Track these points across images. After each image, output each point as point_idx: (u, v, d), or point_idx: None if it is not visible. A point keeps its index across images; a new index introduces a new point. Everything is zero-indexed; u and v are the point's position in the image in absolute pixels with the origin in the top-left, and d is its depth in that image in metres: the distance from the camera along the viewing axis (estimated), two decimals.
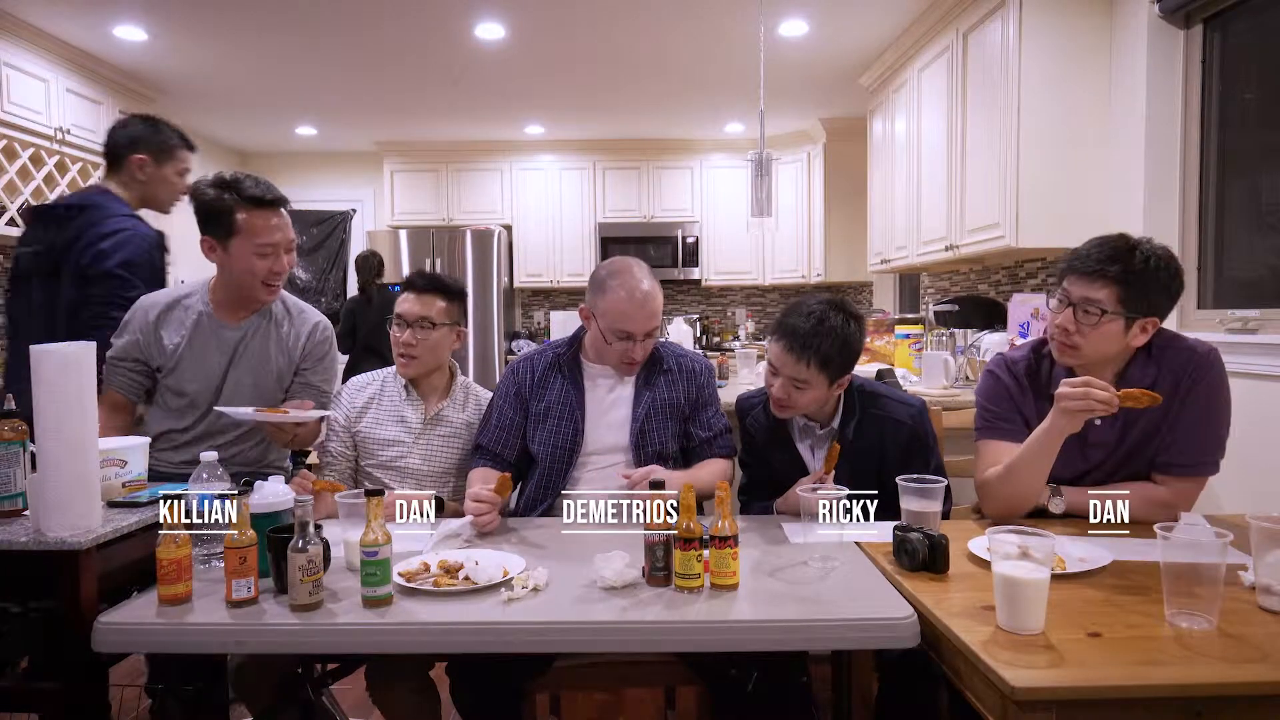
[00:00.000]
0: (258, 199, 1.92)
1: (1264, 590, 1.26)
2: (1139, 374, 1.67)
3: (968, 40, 3.67)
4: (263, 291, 2.01)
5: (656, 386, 1.99)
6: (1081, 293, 1.62)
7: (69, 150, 4.26)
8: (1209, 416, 1.67)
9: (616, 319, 1.87)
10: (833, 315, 1.78)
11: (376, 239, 6.30)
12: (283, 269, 2.00)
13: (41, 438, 1.39)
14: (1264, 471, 2.29)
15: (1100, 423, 1.66)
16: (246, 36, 4.20)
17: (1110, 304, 1.60)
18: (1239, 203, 2.84)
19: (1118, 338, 1.63)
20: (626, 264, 1.93)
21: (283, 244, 1.98)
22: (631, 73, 4.85)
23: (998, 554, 1.21)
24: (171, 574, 1.31)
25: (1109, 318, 1.61)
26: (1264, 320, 2.59)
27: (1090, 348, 1.64)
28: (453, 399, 2.10)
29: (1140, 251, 1.61)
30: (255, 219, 1.93)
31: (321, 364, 2.15)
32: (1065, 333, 1.65)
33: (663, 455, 1.94)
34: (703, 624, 1.27)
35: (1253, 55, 2.79)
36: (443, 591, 1.36)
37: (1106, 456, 1.72)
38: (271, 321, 2.09)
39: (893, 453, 1.86)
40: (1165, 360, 1.68)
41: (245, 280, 1.98)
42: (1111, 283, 1.60)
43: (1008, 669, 1.06)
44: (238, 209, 1.92)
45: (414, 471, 2.03)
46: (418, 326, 2.00)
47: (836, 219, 5.98)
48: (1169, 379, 1.66)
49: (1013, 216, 3.27)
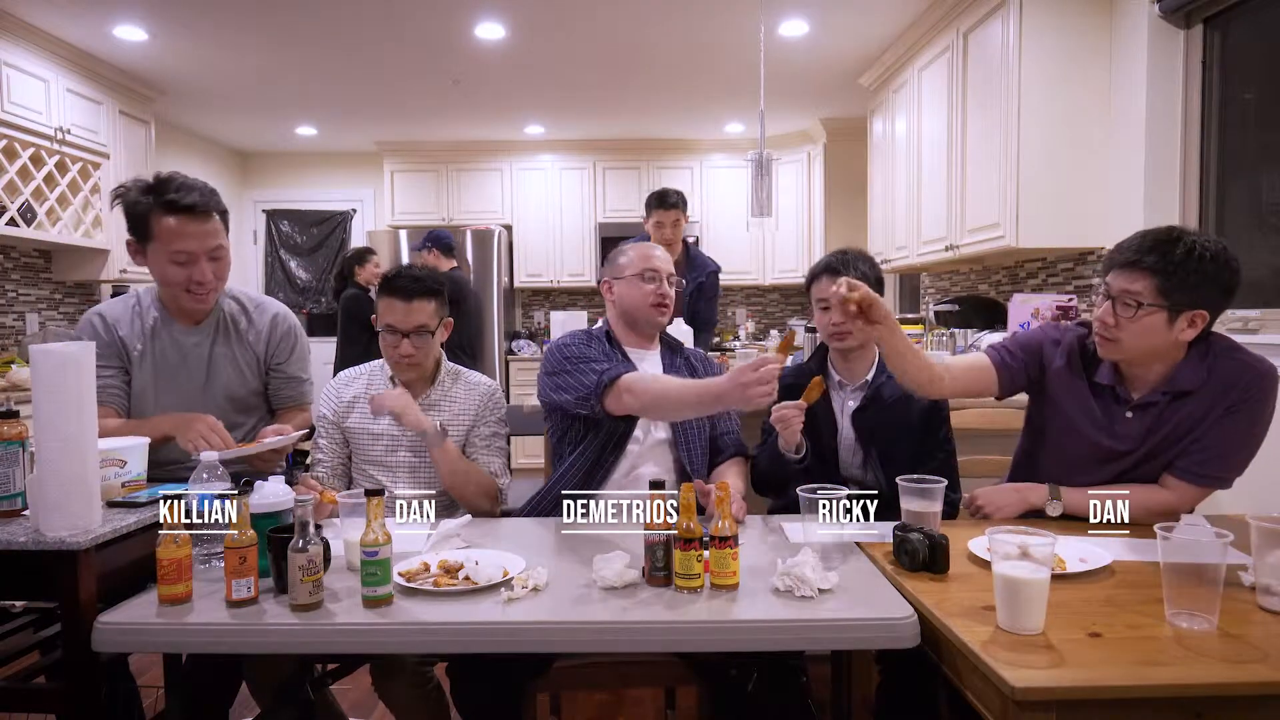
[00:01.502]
0: (173, 204, 1.82)
1: (1264, 590, 1.25)
2: (1189, 376, 1.60)
3: (968, 40, 3.67)
4: (187, 300, 1.92)
5: (680, 371, 2.05)
6: (1120, 285, 1.57)
7: (69, 150, 4.27)
8: (1247, 436, 1.62)
9: (641, 262, 2.00)
10: (854, 252, 2.03)
11: (376, 239, 6.29)
12: (204, 278, 1.88)
13: (40, 438, 1.39)
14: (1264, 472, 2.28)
15: (1131, 415, 1.66)
16: (246, 36, 4.20)
17: (1149, 295, 1.54)
18: (1239, 203, 2.84)
19: (1160, 331, 1.56)
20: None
21: (202, 252, 1.86)
22: (632, 73, 4.85)
23: (998, 554, 1.21)
24: (171, 574, 1.31)
25: (1147, 310, 1.54)
26: (1264, 320, 2.59)
27: (1131, 341, 1.59)
28: (439, 384, 2.07)
29: (1184, 242, 1.52)
30: (170, 225, 1.82)
31: (293, 354, 2.11)
32: (1105, 325, 1.60)
33: (700, 431, 2.01)
34: (703, 624, 1.27)
35: (1253, 55, 2.79)
36: (443, 591, 1.36)
37: (1126, 456, 1.70)
38: (229, 325, 2.03)
39: (916, 415, 1.95)
40: (1219, 367, 1.61)
41: (166, 290, 1.93)
42: (1149, 273, 1.53)
43: (1008, 669, 1.06)
44: (153, 213, 1.83)
45: (407, 464, 2.01)
46: (415, 335, 1.97)
47: (836, 219, 5.98)
48: (1218, 385, 1.60)
49: (1013, 216, 3.27)
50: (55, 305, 4.70)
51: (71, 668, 1.37)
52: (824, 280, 1.97)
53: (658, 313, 2.01)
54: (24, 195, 4.02)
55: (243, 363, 2.04)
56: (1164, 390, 1.62)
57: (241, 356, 2.04)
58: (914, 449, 1.88)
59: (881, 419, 1.95)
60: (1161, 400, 1.62)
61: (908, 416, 1.95)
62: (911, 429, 1.93)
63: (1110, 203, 3.18)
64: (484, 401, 2.09)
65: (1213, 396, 1.59)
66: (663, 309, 2.01)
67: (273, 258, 6.99)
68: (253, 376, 2.06)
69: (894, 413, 1.94)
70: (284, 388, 2.10)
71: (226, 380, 2.01)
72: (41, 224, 4.16)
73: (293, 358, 2.12)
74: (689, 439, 1.98)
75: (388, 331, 1.98)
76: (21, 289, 4.45)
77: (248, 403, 2.06)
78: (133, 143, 4.84)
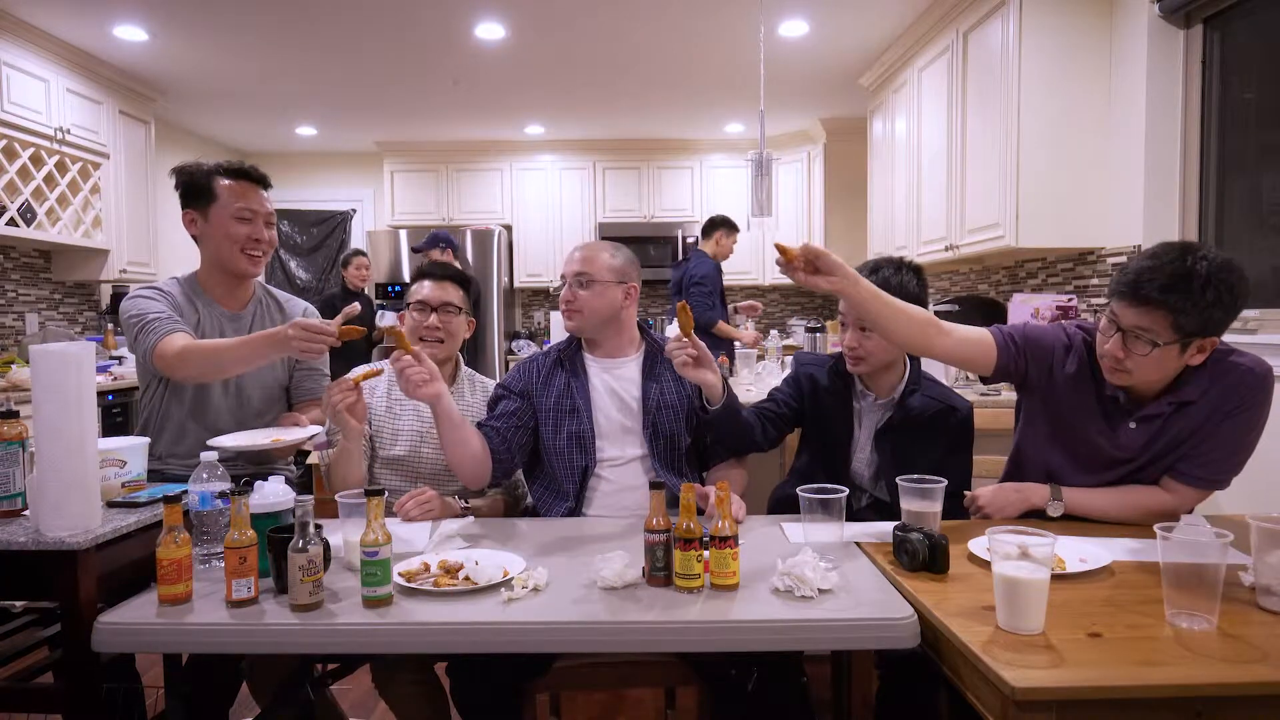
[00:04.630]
0: (234, 168, 2.00)
1: (1264, 590, 1.25)
2: (1192, 387, 1.58)
3: (968, 40, 3.67)
4: (244, 261, 2.02)
5: (662, 378, 1.97)
6: (1133, 320, 1.49)
7: (69, 150, 4.27)
8: (1245, 438, 1.60)
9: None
10: (886, 266, 1.93)
11: (376, 239, 6.30)
12: (262, 236, 2.02)
13: (40, 438, 1.39)
14: (1264, 472, 2.28)
15: (1135, 425, 1.63)
16: (246, 36, 4.20)
17: (1164, 334, 1.47)
18: (1239, 203, 2.84)
19: (1173, 361, 1.52)
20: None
21: (263, 214, 2.02)
22: (632, 73, 4.85)
23: (998, 554, 1.21)
24: (171, 574, 1.31)
25: (1162, 347, 1.48)
26: (1264, 320, 2.59)
27: (1141, 374, 1.55)
28: (458, 388, 2.09)
29: (1198, 274, 1.43)
30: (234, 186, 1.99)
31: None
32: (1115, 359, 1.54)
33: (675, 448, 1.94)
34: (703, 624, 1.27)
35: (1253, 55, 2.79)
36: (443, 591, 1.36)
37: (1127, 463, 1.69)
38: (265, 313, 2.12)
39: (941, 441, 1.90)
40: (1219, 372, 1.58)
41: (225, 249, 2.00)
42: (1168, 311, 1.45)
43: (1008, 669, 1.05)
44: (214, 178, 1.99)
45: (429, 460, 2.00)
46: (442, 310, 2.01)
47: (836, 219, 5.98)
48: (1219, 392, 1.57)
49: (1013, 216, 3.27)
50: (55, 305, 4.70)
51: (71, 668, 1.37)
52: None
53: (564, 318, 1.99)
54: (24, 195, 4.02)
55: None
56: (1169, 401, 1.60)
57: None
58: (933, 474, 1.68)
59: (903, 442, 1.88)
60: (1166, 410, 1.60)
61: (931, 442, 1.89)
62: (932, 458, 1.84)
63: (1110, 203, 3.18)
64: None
65: (1213, 403, 1.58)
66: (564, 313, 1.98)
67: (273, 258, 6.98)
68: (281, 369, 2.13)
69: (918, 437, 1.88)
70: (306, 380, 2.17)
71: (261, 368, 2.05)
72: (41, 224, 4.16)
73: None
74: (661, 454, 1.93)
75: (417, 309, 2.02)
76: (21, 289, 4.45)
77: (273, 393, 2.13)
78: (133, 143, 4.84)
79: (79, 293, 4.89)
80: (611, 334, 1.98)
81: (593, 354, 2.00)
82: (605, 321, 1.95)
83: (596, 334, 1.98)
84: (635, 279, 1.99)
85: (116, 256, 4.69)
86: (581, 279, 1.92)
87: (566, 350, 2.01)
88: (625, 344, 2.01)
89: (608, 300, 1.94)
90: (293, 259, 7.03)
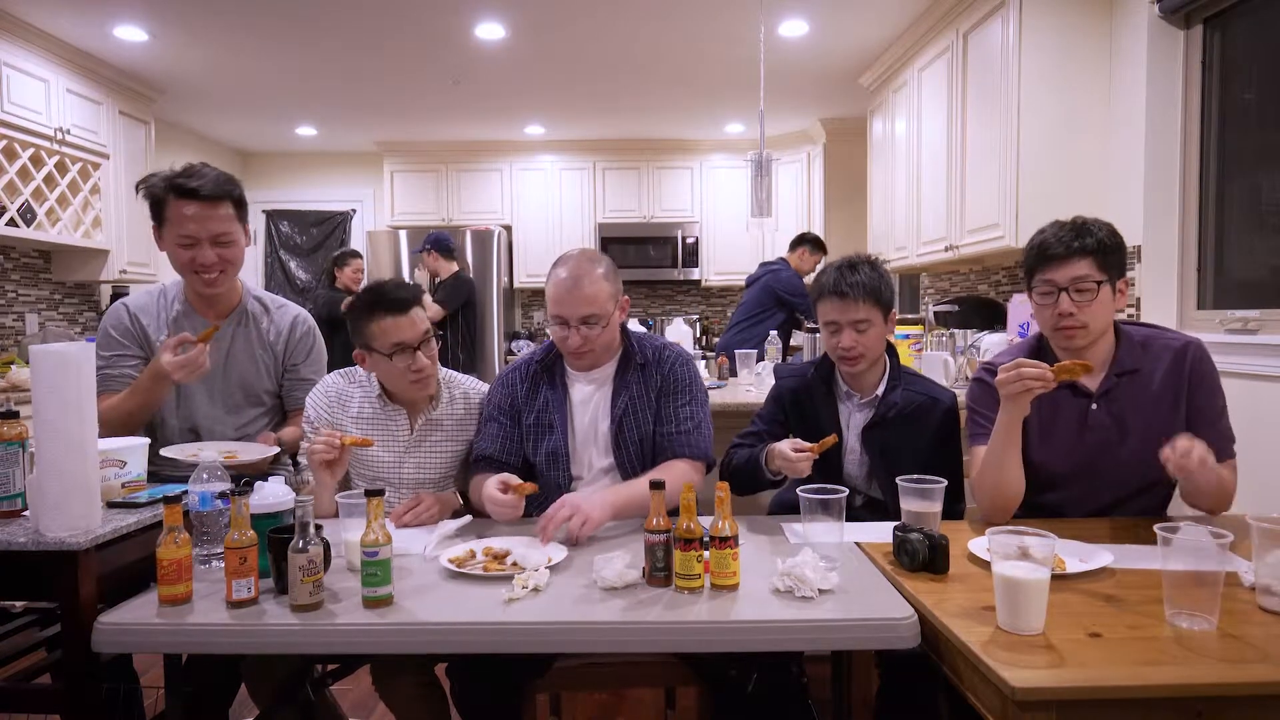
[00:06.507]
0: (181, 188, 1.90)
1: (1264, 590, 1.25)
2: (1127, 356, 1.73)
3: (968, 40, 3.67)
4: (195, 283, 1.97)
5: (633, 383, 1.90)
6: (1067, 274, 1.68)
7: (69, 150, 4.26)
8: (1222, 403, 1.73)
9: (551, 305, 1.86)
10: (862, 265, 1.94)
11: (376, 239, 6.30)
12: (207, 261, 1.92)
13: (40, 438, 1.39)
14: (1264, 472, 2.29)
15: (1096, 407, 1.71)
16: (247, 36, 4.20)
17: (1097, 274, 1.68)
18: (1239, 202, 2.83)
19: (1110, 304, 1.71)
20: (567, 253, 1.93)
21: (205, 236, 1.91)
22: (632, 73, 4.85)
23: (998, 554, 1.21)
24: (171, 574, 1.31)
25: (1101, 287, 1.68)
26: (1264, 320, 2.59)
27: (1095, 322, 1.70)
28: (438, 399, 1.98)
29: (1090, 224, 1.72)
30: (180, 207, 1.90)
31: (310, 356, 2.15)
32: (1068, 316, 1.69)
33: (643, 454, 1.88)
34: (703, 624, 1.27)
35: (1253, 55, 2.79)
36: (492, 576, 1.43)
37: (1109, 445, 1.73)
38: (250, 321, 2.08)
39: (927, 433, 1.92)
40: (1153, 350, 1.74)
41: (179, 271, 1.99)
42: (1089, 255, 1.68)
43: (1008, 669, 1.06)
44: (167, 198, 1.92)
45: (410, 480, 1.95)
46: (424, 346, 1.88)
47: (836, 219, 5.98)
48: (1164, 362, 1.72)
49: (1013, 216, 3.27)
50: (55, 305, 4.70)
51: (71, 668, 1.37)
52: (831, 302, 1.92)
53: (573, 362, 1.91)
54: (24, 195, 4.02)
55: (259, 359, 2.08)
56: (1115, 374, 1.73)
57: (259, 353, 2.08)
58: (922, 468, 1.72)
59: (890, 438, 1.91)
60: (1115, 383, 1.73)
61: (918, 435, 1.90)
62: (920, 450, 1.86)
63: (1110, 203, 3.17)
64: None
65: (1165, 374, 1.71)
66: (576, 358, 1.89)
67: (272, 258, 6.99)
68: (268, 375, 2.10)
69: (904, 432, 1.90)
70: (296, 389, 2.12)
71: (242, 371, 2.05)
72: (41, 224, 4.16)
73: (309, 360, 2.15)
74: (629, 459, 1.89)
75: (399, 352, 1.84)
76: (21, 289, 4.45)
77: (259, 398, 2.10)
78: (133, 143, 4.84)
79: (79, 293, 4.89)
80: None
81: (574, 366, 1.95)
82: (610, 344, 1.91)
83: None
84: (622, 287, 1.93)
85: (116, 257, 4.68)
86: (590, 320, 1.81)
87: (545, 360, 1.96)
88: (608, 353, 1.94)
89: (613, 327, 1.88)
90: (292, 259, 7.03)
